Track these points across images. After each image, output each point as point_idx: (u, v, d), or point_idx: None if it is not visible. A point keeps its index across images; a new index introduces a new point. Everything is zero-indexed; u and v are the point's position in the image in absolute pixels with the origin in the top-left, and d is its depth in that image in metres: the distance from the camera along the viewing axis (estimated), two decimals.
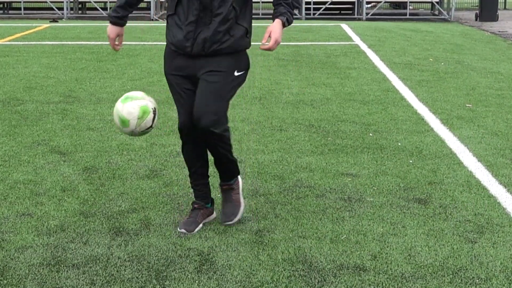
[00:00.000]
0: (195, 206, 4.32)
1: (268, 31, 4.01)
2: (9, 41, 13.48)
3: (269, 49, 3.99)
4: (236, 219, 4.29)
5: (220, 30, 3.95)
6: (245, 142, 6.15)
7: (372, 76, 9.61)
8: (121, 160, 5.61)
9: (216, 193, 4.84)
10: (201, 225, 4.26)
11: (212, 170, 5.35)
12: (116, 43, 4.23)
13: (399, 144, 6.16)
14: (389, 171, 5.41)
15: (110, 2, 20.56)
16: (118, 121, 4.09)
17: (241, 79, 4.13)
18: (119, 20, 4.19)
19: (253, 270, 3.72)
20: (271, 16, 4.14)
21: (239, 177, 4.44)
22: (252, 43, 4.21)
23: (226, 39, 3.98)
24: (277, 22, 4.02)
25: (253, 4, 4.22)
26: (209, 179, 4.41)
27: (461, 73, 9.90)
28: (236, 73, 4.06)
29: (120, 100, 4.12)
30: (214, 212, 4.42)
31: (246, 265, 3.77)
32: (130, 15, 4.28)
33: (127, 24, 4.29)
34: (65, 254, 3.89)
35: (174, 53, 4.09)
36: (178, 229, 4.21)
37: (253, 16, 4.21)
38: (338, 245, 4.03)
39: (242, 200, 4.38)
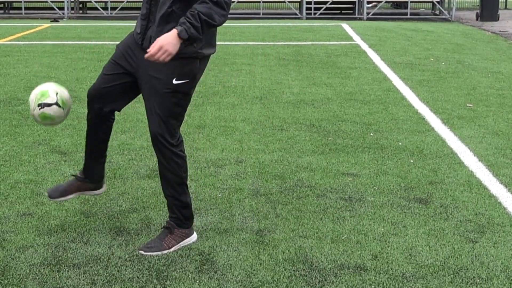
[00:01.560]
0: (76, 175, 4.22)
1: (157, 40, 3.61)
2: (10, 40, 13.48)
3: (151, 56, 3.56)
4: (151, 253, 3.88)
5: (160, 30, 3.70)
6: (245, 142, 6.15)
7: (373, 75, 9.61)
8: (122, 160, 5.61)
9: (217, 193, 4.84)
10: (71, 195, 4.16)
11: (214, 169, 5.35)
12: None
13: (400, 143, 6.16)
14: (389, 170, 5.40)
15: (110, 2, 20.56)
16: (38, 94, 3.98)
17: (183, 89, 3.77)
18: None
19: (254, 270, 3.72)
20: (272, 16, 4.13)
21: (192, 236, 4.04)
22: (253, 43, 4.16)
23: None
24: (171, 31, 3.58)
25: (254, 4, 4.14)
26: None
27: (462, 73, 9.90)
28: (174, 81, 3.73)
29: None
30: (104, 186, 4.28)
31: (247, 265, 3.77)
32: (130, 15, 4.21)
33: (127, 24, 4.31)
34: (66, 253, 3.89)
35: (130, 36, 3.93)
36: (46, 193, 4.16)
37: (254, 16, 4.15)
38: (339, 245, 4.03)
39: (172, 248, 3.93)
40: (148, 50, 3.59)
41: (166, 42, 3.54)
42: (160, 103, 3.76)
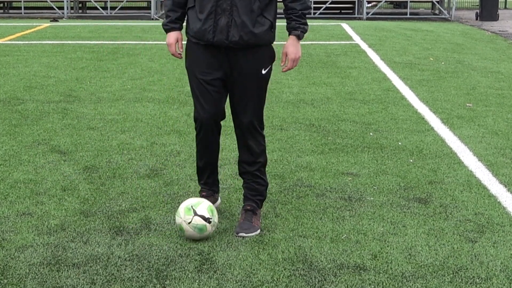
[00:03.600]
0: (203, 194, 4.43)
1: (284, 53, 4.13)
2: (10, 40, 13.48)
3: (289, 69, 4.18)
4: (251, 234, 4.10)
5: (245, 19, 3.93)
6: None
7: (372, 75, 9.61)
8: (122, 160, 5.61)
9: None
10: None
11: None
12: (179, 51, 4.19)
13: (400, 143, 6.16)
14: (389, 170, 5.40)
15: (110, 1, 20.55)
16: (196, 232, 4.00)
17: (268, 75, 4.17)
18: (173, 24, 4.15)
19: (254, 270, 3.72)
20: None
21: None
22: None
23: (250, 30, 3.95)
24: (291, 39, 4.12)
25: None
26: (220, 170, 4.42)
27: (461, 73, 9.90)
28: (263, 71, 4.12)
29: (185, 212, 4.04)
30: (219, 199, 4.57)
31: (247, 265, 3.77)
32: (130, 14, 4.26)
33: (127, 23, 4.30)
34: (66, 253, 3.89)
35: (198, 46, 4.07)
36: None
37: None
38: (338, 245, 4.03)
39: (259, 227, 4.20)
40: (286, 68, 4.15)
41: (296, 53, 4.11)
42: (253, 95, 4.12)
